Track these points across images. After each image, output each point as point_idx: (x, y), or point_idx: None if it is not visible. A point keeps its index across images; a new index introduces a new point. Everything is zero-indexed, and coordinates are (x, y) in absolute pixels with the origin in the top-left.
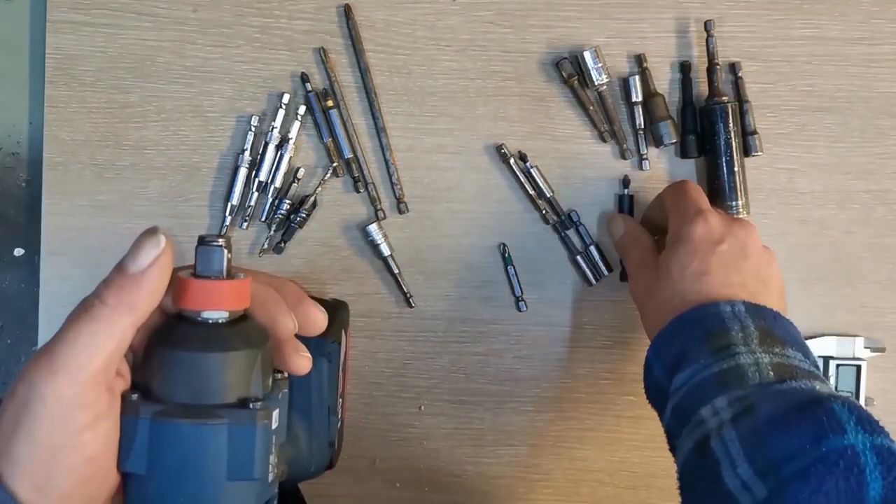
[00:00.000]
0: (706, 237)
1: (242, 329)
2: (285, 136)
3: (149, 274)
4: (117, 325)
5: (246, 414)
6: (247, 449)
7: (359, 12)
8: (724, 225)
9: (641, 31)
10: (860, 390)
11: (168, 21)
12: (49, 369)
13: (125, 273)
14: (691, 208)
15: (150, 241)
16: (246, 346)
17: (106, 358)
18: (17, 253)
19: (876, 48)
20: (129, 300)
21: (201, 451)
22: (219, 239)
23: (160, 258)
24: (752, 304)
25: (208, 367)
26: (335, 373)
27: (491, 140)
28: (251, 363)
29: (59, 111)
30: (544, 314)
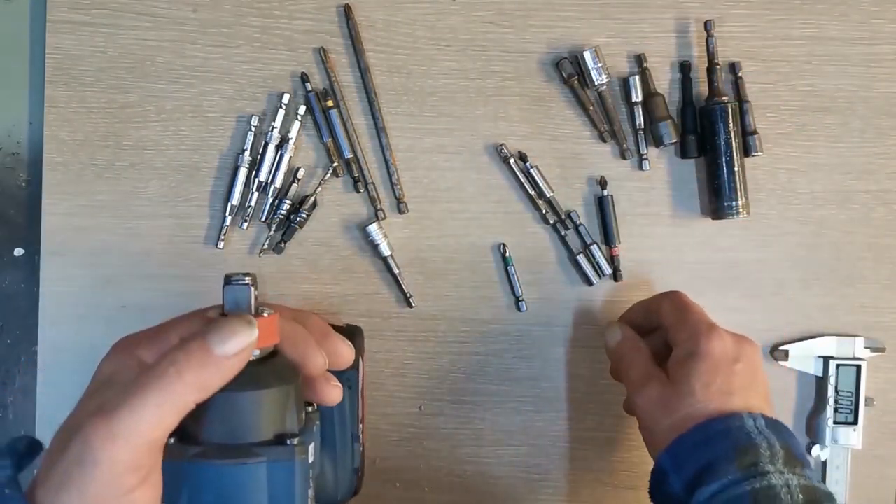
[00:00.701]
0: (723, 355)
1: (274, 365)
2: (285, 136)
3: (233, 361)
4: (186, 400)
5: (284, 450)
6: (287, 485)
7: (359, 12)
8: (736, 343)
9: (641, 31)
10: (860, 390)
11: (168, 21)
12: (109, 433)
13: (210, 353)
14: (703, 323)
15: (245, 331)
16: (279, 382)
17: (165, 429)
18: (17, 253)
19: (876, 48)
20: (206, 381)
21: (242, 490)
22: (245, 277)
23: (248, 349)
24: (770, 418)
25: (244, 406)
26: (356, 399)
27: (491, 140)
28: (285, 399)
29: (59, 111)
30: (544, 314)
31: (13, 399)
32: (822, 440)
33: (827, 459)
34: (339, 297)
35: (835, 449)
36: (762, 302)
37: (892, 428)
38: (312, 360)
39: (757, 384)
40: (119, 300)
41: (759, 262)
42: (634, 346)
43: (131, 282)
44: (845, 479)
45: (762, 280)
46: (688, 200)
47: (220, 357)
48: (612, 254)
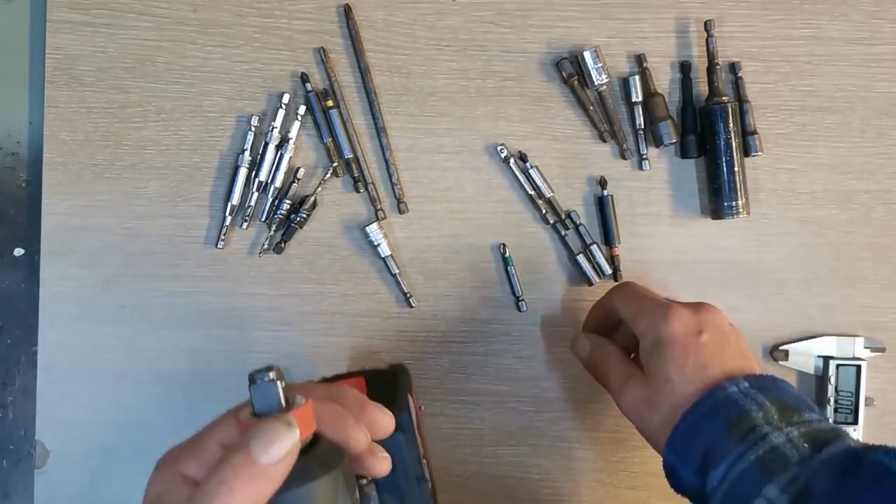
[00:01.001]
0: (686, 331)
1: (318, 454)
2: (285, 136)
3: (280, 467)
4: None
5: None
6: None
7: (359, 12)
8: (695, 314)
9: (641, 31)
10: (860, 390)
11: (168, 21)
12: None
13: (255, 464)
14: (657, 308)
15: (286, 434)
16: (326, 470)
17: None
18: (17, 253)
19: (876, 48)
20: (258, 492)
21: None
22: (269, 373)
23: (292, 452)
24: (753, 376)
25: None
26: (412, 439)
27: (491, 140)
28: (336, 485)
29: (59, 111)
30: (544, 314)
31: (13, 399)
32: None
33: None
34: (339, 297)
35: None
36: (762, 302)
37: (892, 428)
38: (354, 438)
39: (728, 346)
40: (119, 300)
41: (759, 262)
42: (604, 351)
43: (131, 282)
44: None
45: (762, 280)
46: (688, 200)
47: (267, 465)
48: (612, 254)
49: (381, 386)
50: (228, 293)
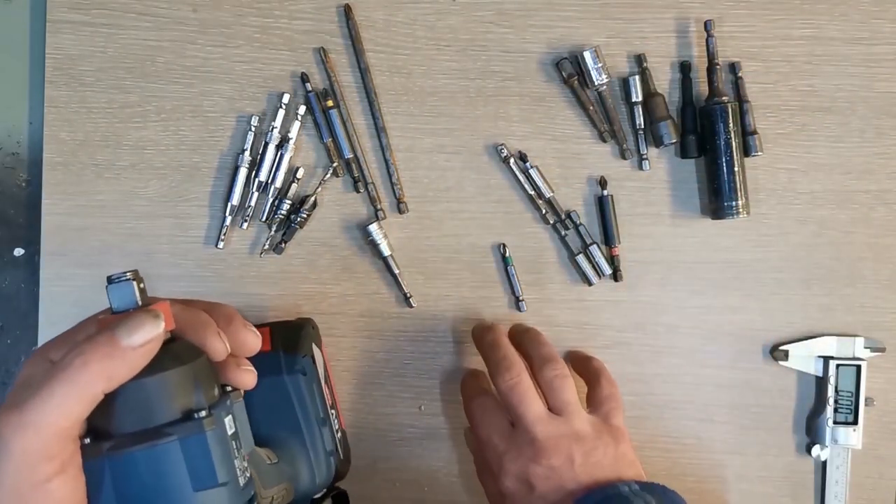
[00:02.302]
0: (518, 490)
1: (170, 349)
2: (285, 136)
3: (138, 352)
4: (91, 390)
5: (193, 425)
6: (203, 457)
7: (359, 12)
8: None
9: (641, 31)
10: (860, 390)
11: (168, 21)
12: (19, 423)
13: (116, 344)
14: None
15: (151, 323)
16: (177, 363)
17: (74, 419)
18: (17, 253)
19: (876, 48)
20: (110, 371)
21: (161, 471)
22: (126, 273)
23: (153, 342)
24: (645, 482)
25: (146, 392)
26: (316, 386)
27: (491, 140)
28: (187, 378)
29: (59, 111)
30: (544, 314)
31: None
32: (822, 440)
33: (827, 459)
34: (339, 297)
35: (835, 449)
36: (762, 302)
37: (892, 428)
38: (211, 344)
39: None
40: None
41: (759, 262)
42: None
43: None
44: (845, 479)
45: (762, 280)
46: (688, 200)
47: (127, 348)
48: (612, 254)
49: (286, 334)
50: (228, 293)
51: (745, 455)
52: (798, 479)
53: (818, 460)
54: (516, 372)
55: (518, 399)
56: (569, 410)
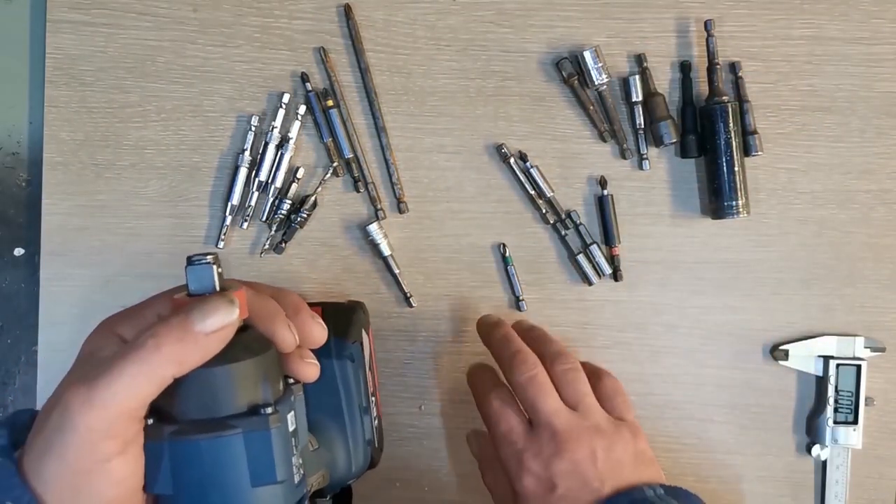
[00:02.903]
0: (538, 490)
1: (243, 339)
2: (285, 136)
3: (211, 339)
4: (162, 373)
5: (258, 420)
6: (265, 454)
7: (359, 12)
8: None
9: (641, 31)
10: (860, 390)
11: (168, 21)
12: (87, 400)
13: (189, 329)
14: (512, 455)
15: (226, 308)
16: (248, 354)
17: (142, 399)
18: (17, 253)
19: (876, 48)
20: (182, 355)
21: (221, 463)
22: (207, 256)
23: (228, 328)
24: (669, 486)
25: (215, 381)
26: (361, 373)
27: (491, 140)
28: (256, 371)
29: (59, 111)
30: (544, 314)
31: (13, 399)
32: (822, 440)
33: (827, 459)
34: (339, 297)
35: (835, 449)
36: (762, 302)
37: (892, 428)
38: (281, 335)
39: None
40: (119, 300)
41: (759, 262)
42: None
43: (131, 282)
44: (845, 479)
45: (762, 280)
46: (688, 200)
47: (199, 333)
48: (612, 254)
49: (337, 318)
50: None
51: (745, 455)
52: (798, 479)
53: (818, 460)
54: (532, 364)
55: (535, 392)
56: (586, 402)
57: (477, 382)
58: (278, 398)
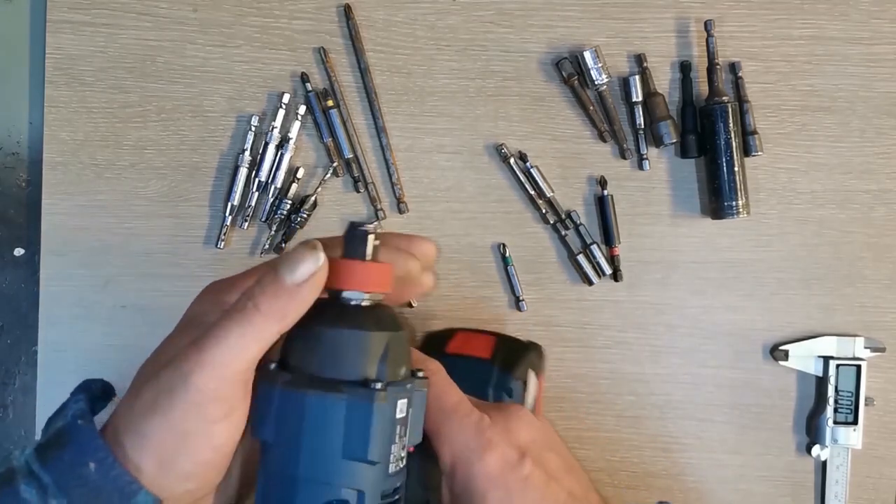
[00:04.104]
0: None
1: (377, 313)
2: (285, 136)
3: (304, 288)
4: (266, 331)
5: (365, 393)
6: (363, 428)
7: (359, 12)
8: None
9: (641, 31)
10: (860, 390)
11: (168, 21)
12: (198, 361)
13: (281, 283)
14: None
15: (311, 256)
16: (377, 328)
17: (250, 359)
18: (17, 253)
19: (876, 48)
20: (281, 310)
21: (320, 423)
22: (368, 225)
23: (317, 274)
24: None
25: (338, 343)
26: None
27: (491, 140)
28: (378, 346)
29: (59, 111)
30: (544, 314)
31: (13, 399)
32: (822, 440)
33: (827, 459)
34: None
35: (835, 449)
36: (762, 302)
37: (892, 428)
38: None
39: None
40: (119, 300)
41: (759, 262)
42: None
43: (131, 282)
44: (845, 479)
45: (762, 280)
46: (688, 200)
47: (291, 285)
48: (612, 254)
49: (509, 351)
50: None
51: (745, 455)
52: (798, 479)
53: (818, 460)
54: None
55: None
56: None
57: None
58: (394, 381)
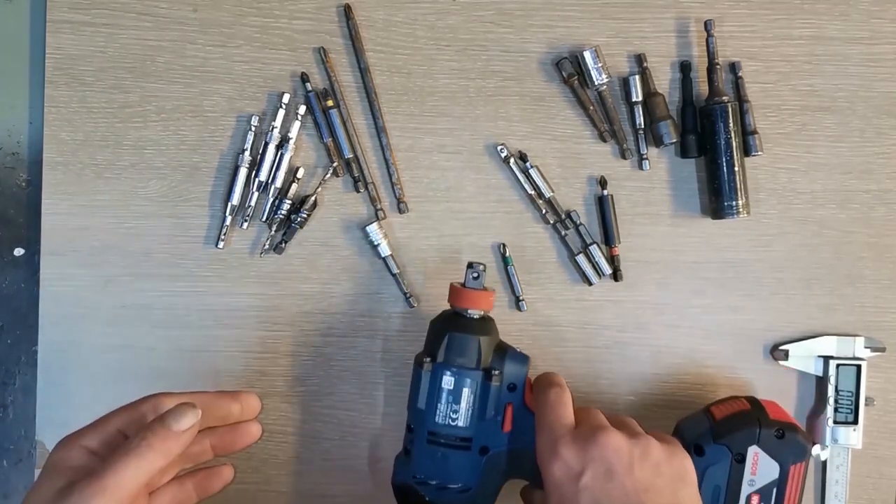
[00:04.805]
0: (565, 477)
1: (487, 323)
2: (285, 136)
3: (187, 434)
4: (154, 463)
5: (485, 374)
6: (483, 398)
7: (359, 12)
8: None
9: (641, 31)
10: (860, 390)
11: (168, 21)
12: (99, 488)
13: (169, 429)
14: (545, 446)
15: (192, 413)
16: (489, 334)
17: (140, 485)
18: (17, 253)
19: (876, 48)
20: (166, 448)
21: (458, 393)
22: (481, 265)
23: (195, 426)
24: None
25: (470, 343)
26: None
27: (491, 140)
28: (491, 346)
29: (59, 111)
30: (544, 314)
31: (13, 399)
32: (822, 440)
33: (827, 459)
34: (339, 297)
35: (835, 449)
36: (762, 302)
37: (892, 428)
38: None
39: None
40: (119, 300)
41: (759, 262)
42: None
43: (131, 282)
44: (845, 479)
45: (762, 280)
46: (688, 200)
47: (178, 431)
48: (612, 254)
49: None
50: (228, 293)
51: None
52: None
53: (818, 460)
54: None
55: (592, 413)
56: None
57: (541, 379)
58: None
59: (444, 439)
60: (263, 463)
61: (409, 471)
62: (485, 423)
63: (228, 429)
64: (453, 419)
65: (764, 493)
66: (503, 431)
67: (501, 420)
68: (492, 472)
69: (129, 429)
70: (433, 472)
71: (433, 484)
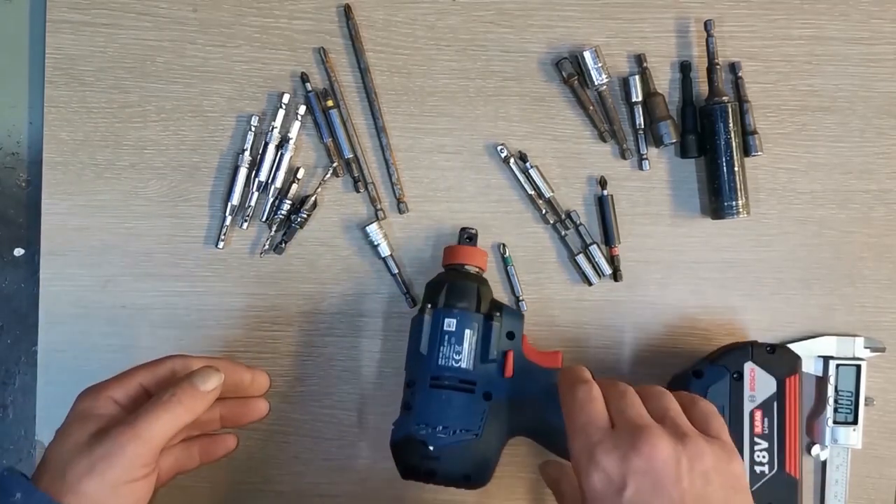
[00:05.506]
0: (607, 489)
1: (483, 279)
2: (285, 136)
3: (211, 395)
4: (182, 418)
5: (487, 316)
6: (486, 341)
7: (359, 12)
8: (622, 462)
9: (641, 31)
10: (860, 390)
11: (168, 21)
12: (134, 435)
13: (196, 388)
14: (582, 452)
15: (216, 375)
16: (486, 286)
17: (168, 436)
18: (17, 253)
19: (876, 48)
20: (193, 406)
21: (460, 334)
22: (473, 229)
23: (218, 388)
24: None
25: (470, 289)
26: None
27: (491, 140)
28: (488, 298)
29: (59, 111)
30: (544, 314)
31: (13, 399)
32: (822, 440)
33: (827, 459)
34: (339, 297)
35: (835, 449)
36: (762, 302)
37: (892, 428)
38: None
39: (660, 499)
40: (119, 300)
41: (759, 262)
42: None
43: (131, 282)
44: (845, 479)
45: (762, 280)
46: (688, 200)
47: (203, 391)
48: (612, 254)
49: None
50: (228, 293)
51: None
52: None
53: (818, 460)
54: (623, 385)
55: (624, 401)
56: (671, 416)
57: (566, 375)
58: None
59: (447, 381)
60: (263, 463)
61: (411, 422)
62: (487, 368)
63: (238, 401)
64: (456, 360)
65: (765, 408)
66: (504, 377)
67: (503, 365)
68: (496, 421)
69: (151, 386)
70: (438, 416)
71: (438, 429)
